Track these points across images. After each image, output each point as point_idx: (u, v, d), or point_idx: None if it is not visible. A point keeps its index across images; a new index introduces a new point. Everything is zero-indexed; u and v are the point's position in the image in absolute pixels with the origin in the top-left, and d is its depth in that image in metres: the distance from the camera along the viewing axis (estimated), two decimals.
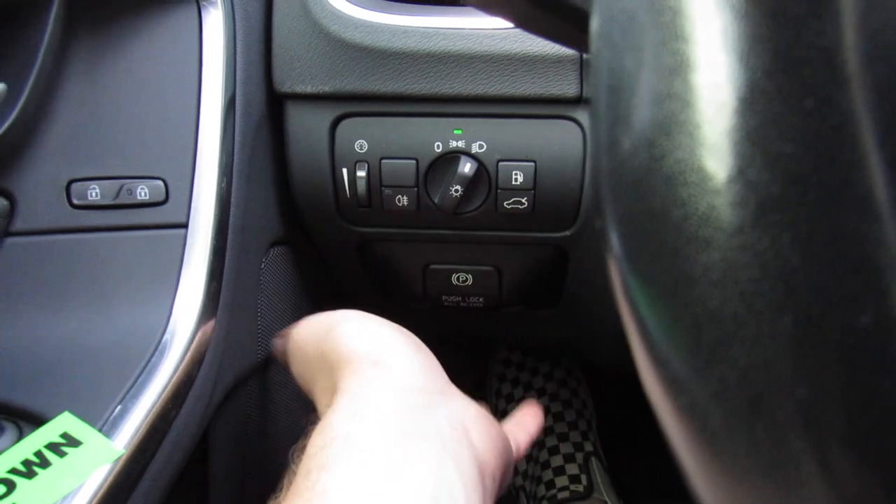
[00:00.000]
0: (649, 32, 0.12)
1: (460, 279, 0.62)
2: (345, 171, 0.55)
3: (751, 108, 0.12)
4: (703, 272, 0.12)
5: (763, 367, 0.12)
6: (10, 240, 0.41)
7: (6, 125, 0.36)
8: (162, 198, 0.44)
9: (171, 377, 0.40)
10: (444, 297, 0.64)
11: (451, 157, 0.54)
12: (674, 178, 0.12)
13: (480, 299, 0.65)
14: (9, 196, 0.40)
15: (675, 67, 0.12)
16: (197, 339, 0.43)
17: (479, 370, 1.01)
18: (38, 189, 0.41)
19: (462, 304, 0.65)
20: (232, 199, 0.48)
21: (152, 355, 0.40)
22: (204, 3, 0.47)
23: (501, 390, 0.95)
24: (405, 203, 0.55)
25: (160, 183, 0.44)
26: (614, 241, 0.14)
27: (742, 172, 0.12)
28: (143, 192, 0.44)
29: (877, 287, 0.11)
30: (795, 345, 0.11)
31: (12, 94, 0.36)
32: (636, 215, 0.13)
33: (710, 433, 0.12)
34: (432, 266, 0.62)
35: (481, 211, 0.55)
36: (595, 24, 0.14)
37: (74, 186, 0.42)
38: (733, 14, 0.12)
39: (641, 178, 0.13)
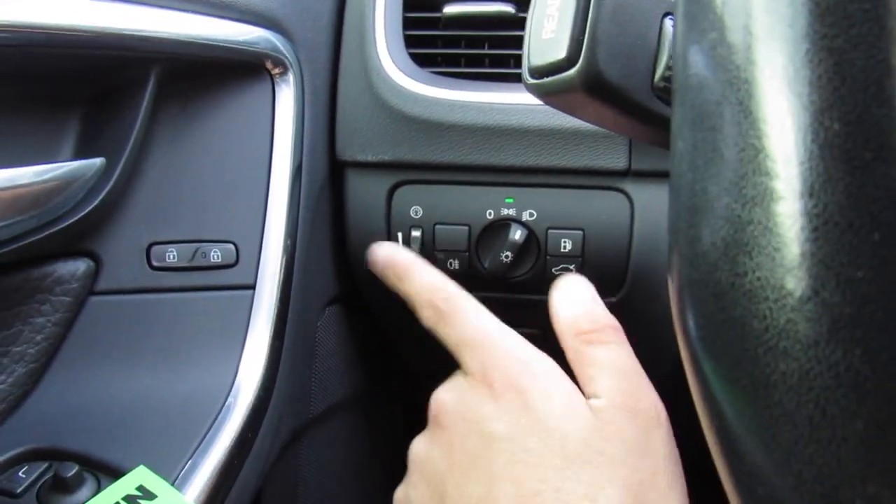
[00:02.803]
0: (733, 165, 0.14)
1: None
2: (399, 235, 0.57)
3: (825, 237, 0.13)
4: (781, 378, 0.14)
5: (836, 465, 0.13)
6: (93, 298, 0.43)
7: (100, 197, 0.39)
8: (233, 260, 0.47)
9: (237, 433, 0.42)
10: None
11: (503, 224, 0.56)
12: (754, 294, 0.14)
13: None
14: (95, 258, 0.44)
15: (757, 198, 0.14)
16: (259, 396, 0.45)
17: None
18: (122, 251, 0.44)
19: None
20: (295, 262, 0.50)
21: (220, 411, 0.42)
22: (277, 79, 0.51)
23: None
24: (456, 267, 0.57)
25: (231, 246, 0.47)
26: (695, 343, 0.15)
27: (817, 293, 0.13)
28: (216, 254, 0.47)
29: None
30: (866, 447, 0.13)
31: (109, 168, 0.39)
32: (719, 323, 0.15)
33: None
34: None
35: (530, 276, 0.57)
36: (679, 146, 0.16)
37: (154, 249, 0.45)
38: (809, 156, 0.14)
39: (724, 291, 0.14)
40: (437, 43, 0.58)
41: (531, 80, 0.28)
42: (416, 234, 0.56)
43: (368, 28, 0.57)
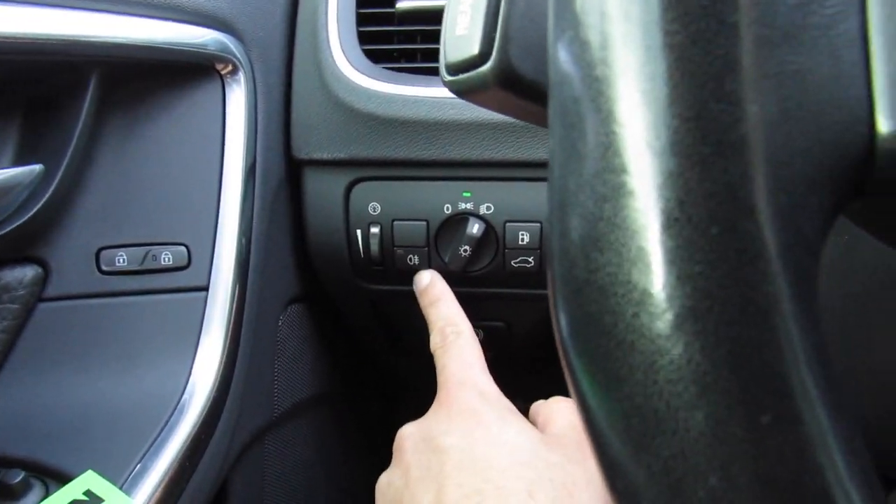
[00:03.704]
0: (588, 162, 0.15)
1: None
2: (359, 232, 0.57)
3: (667, 232, 0.13)
4: (630, 372, 0.14)
5: (681, 457, 0.13)
6: (42, 305, 0.43)
7: (41, 204, 0.39)
8: (185, 262, 0.47)
9: (189, 435, 0.42)
10: None
11: (460, 218, 0.56)
12: (605, 289, 0.14)
13: (490, 354, 0.66)
14: (43, 264, 0.43)
15: (608, 194, 0.14)
16: (213, 398, 0.45)
17: None
18: (70, 257, 0.44)
19: None
20: (251, 262, 0.50)
21: (171, 414, 0.42)
22: (228, 79, 0.51)
23: None
24: (416, 262, 0.57)
25: (183, 248, 0.47)
26: (564, 339, 0.16)
27: (660, 287, 0.13)
28: (167, 257, 0.46)
29: (776, 391, 0.13)
30: (706, 439, 0.13)
31: (48, 174, 0.39)
32: (579, 318, 0.15)
33: None
34: None
35: (490, 269, 0.57)
36: (551, 142, 0.16)
37: (104, 253, 0.45)
38: (652, 153, 0.14)
39: (581, 287, 0.15)
40: (393, 39, 0.58)
41: (447, 77, 0.28)
42: (374, 230, 0.56)
43: (321, 25, 0.57)
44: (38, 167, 0.38)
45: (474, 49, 0.27)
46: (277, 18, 0.56)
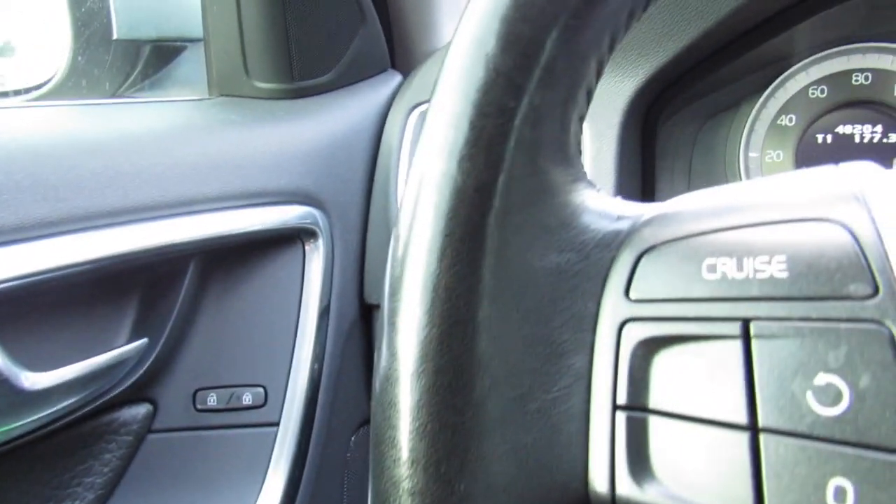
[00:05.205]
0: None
1: None
2: None
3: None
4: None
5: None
6: (150, 436, 0.55)
7: (141, 371, 0.51)
8: (262, 401, 0.57)
9: None
10: None
11: None
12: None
13: None
14: (153, 402, 0.55)
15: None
16: None
17: None
18: (173, 397, 0.56)
19: None
20: (320, 394, 0.60)
21: None
22: (309, 246, 0.61)
23: None
24: None
25: (261, 389, 0.57)
26: None
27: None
28: (247, 397, 0.57)
29: (462, 467, 0.19)
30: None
31: (150, 346, 0.51)
32: None
33: None
34: None
35: None
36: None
37: (199, 394, 0.56)
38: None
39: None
40: None
41: None
42: None
43: (392, 184, 0.66)
44: (143, 342, 0.50)
45: None
46: (357, 185, 0.67)
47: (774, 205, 0.20)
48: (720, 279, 0.19)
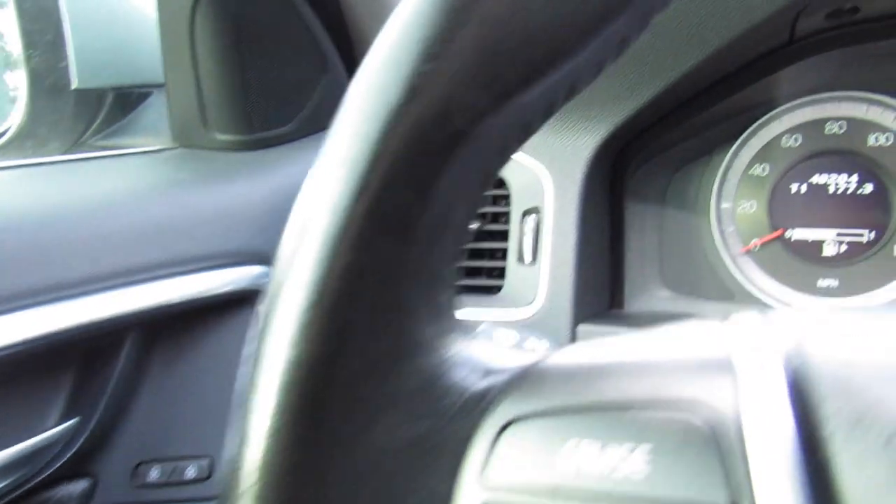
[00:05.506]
0: None
1: None
2: None
3: None
4: None
5: None
6: None
7: (73, 451, 0.49)
8: (206, 474, 0.55)
9: None
10: None
11: None
12: None
13: None
14: (94, 477, 0.53)
15: None
16: None
17: None
18: (112, 472, 0.54)
19: None
20: None
21: None
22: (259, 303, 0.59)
23: None
24: None
25: (206, 461, 0.55)
26: None
27: None
28: (191, 471, 0.55)
29: None
30: None
31: (83, 424, 0.49)
32: None
33: None
34: None
35: None
36: None
37: (140, 468, 0.54)
38: None
39: None
40: None
41: None
42: None
43: None
44: (74, 421, 0.48)
45: None
46: None
47: (651, 374, 0.18)
48: (577, 471, 0.17)
